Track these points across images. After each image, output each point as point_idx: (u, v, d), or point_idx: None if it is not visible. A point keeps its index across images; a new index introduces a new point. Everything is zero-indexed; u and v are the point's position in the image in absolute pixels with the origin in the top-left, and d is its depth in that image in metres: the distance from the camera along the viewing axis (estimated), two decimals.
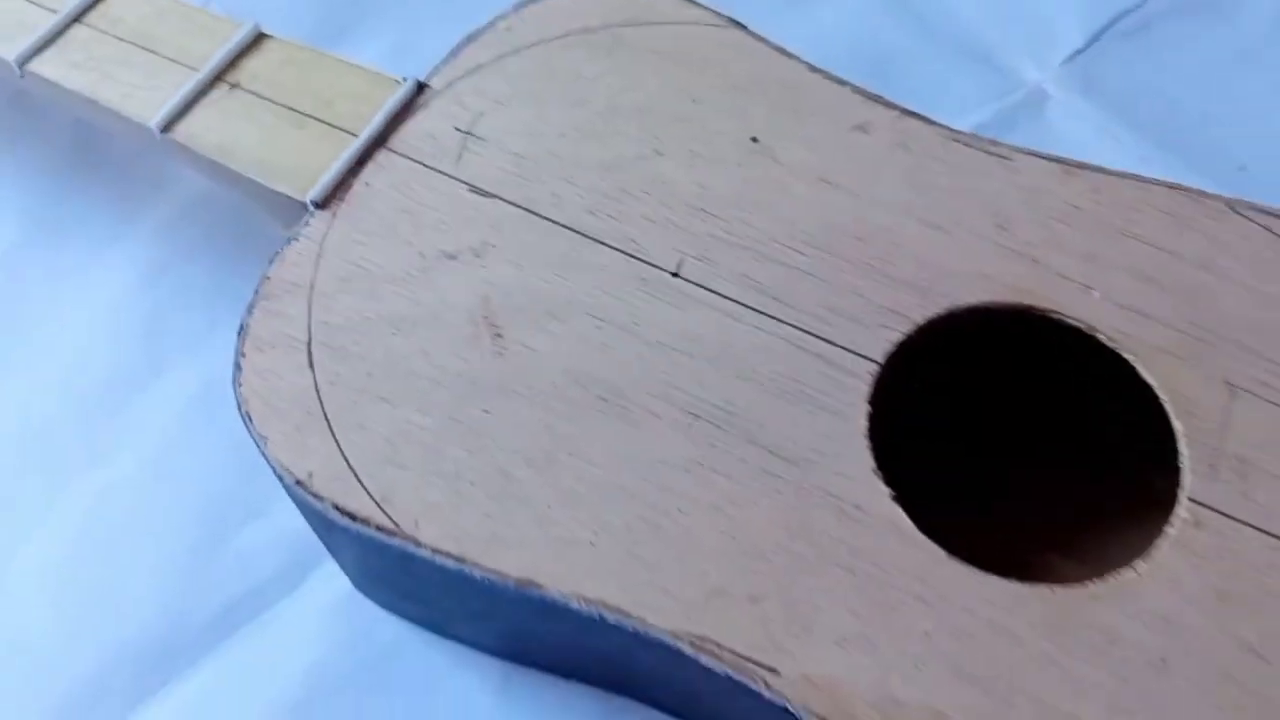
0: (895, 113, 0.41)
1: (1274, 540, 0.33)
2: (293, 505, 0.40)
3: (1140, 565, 0.32)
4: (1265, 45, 0.55)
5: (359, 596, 0.43)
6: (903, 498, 0.33)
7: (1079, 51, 0.55)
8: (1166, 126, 0.53)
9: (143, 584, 0.43)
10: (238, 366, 0.35)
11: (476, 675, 0.41)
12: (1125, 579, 0.32)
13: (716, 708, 0.37)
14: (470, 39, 0.42)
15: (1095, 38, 0.55)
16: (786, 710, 0.31)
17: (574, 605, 0.32)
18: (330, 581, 0.43)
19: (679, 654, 0.32)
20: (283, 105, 0.41)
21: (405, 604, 0.41)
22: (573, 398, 0.35)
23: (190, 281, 0.49)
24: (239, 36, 0.42)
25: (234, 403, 0.35)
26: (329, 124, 0.40)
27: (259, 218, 0.42)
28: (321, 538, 0.40)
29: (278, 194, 0.39)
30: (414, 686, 0.41)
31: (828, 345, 0.36)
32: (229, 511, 0.44)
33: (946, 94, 0.43)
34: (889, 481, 0.34)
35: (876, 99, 0.41)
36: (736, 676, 0.31)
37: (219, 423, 0.45)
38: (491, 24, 0.43)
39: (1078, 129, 0.53)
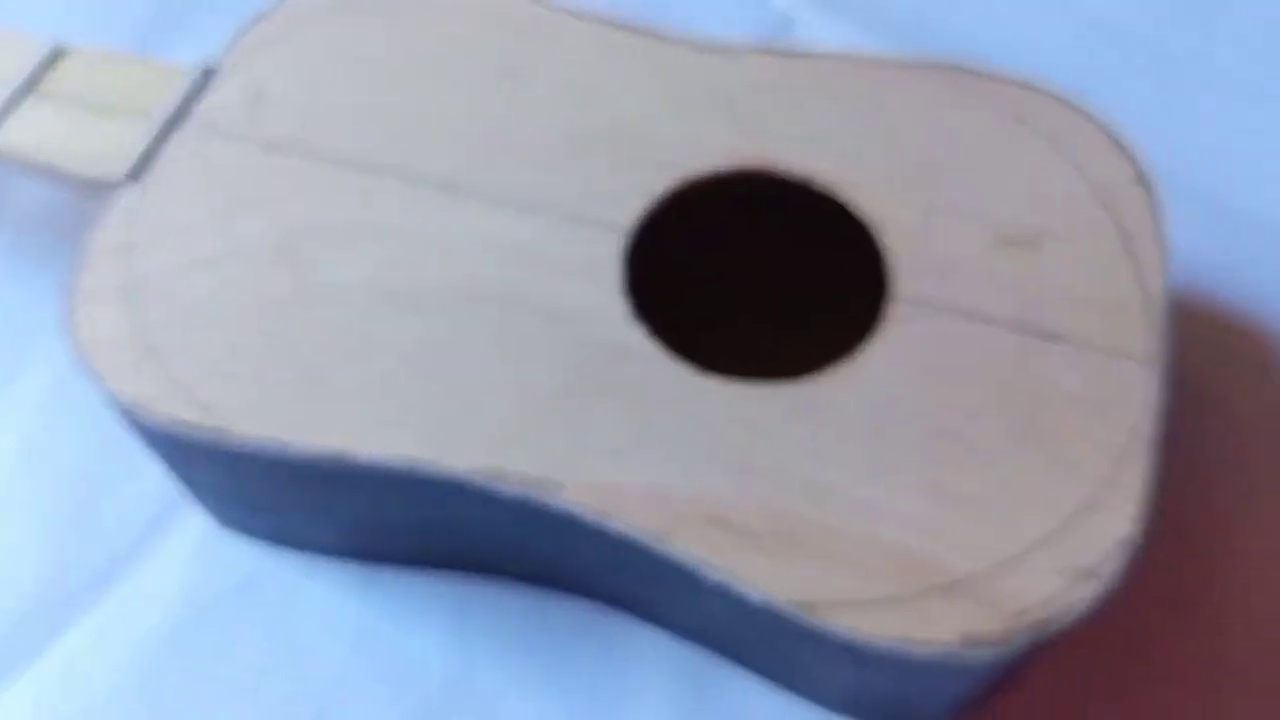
0: (631, 31, 0.47)
1: (967, 319, 0.39)
2: (152, 468, 0.45)
3: (861, 355, 0.39)
4: None
5: (222, 532, 0.47)
6: (668, 334, 0.39)
7: None
8: (906, 34, 0.60)
9: (20, 555, 0.47)
10: (69, 320, 0.40)
11: (337, 582, 0.46)
12: (850, 368, 0.38)
13: (544, 555, 0.42)
14: (254, 21, 0.47)
15: None
16: (571, 518, 0.36)
17: (384, 464, 0.37)
18: (194, 524, 0.47)
19: (486, 492, 0.37)
20: (87, 103, 0.46)
21: (259, 519, 0.45)
22: (370, 301, 0.40)
23: (41, 283, 0.53)
24: (42, 53, 0.47)
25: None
26: (131, 112, 0.45)
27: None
28: (177, 471, 0.44)
29: (93, 179, 0.44)
30: (280, 603, 0.45)
31: (586, 224, 0.41)
32: (94, 481, 0.48)
33: (706, 29, 0.49)
34: (656, 322, 0.40)
35: (615, 23, 0.47)
36: (528, 495, 0.36)
37: (79, 407, 0.49)
38: (273, 7, 0.48)
39: (825, 44, 0.59)
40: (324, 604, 0.45)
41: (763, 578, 0.35)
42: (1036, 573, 0.35)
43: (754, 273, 0.47)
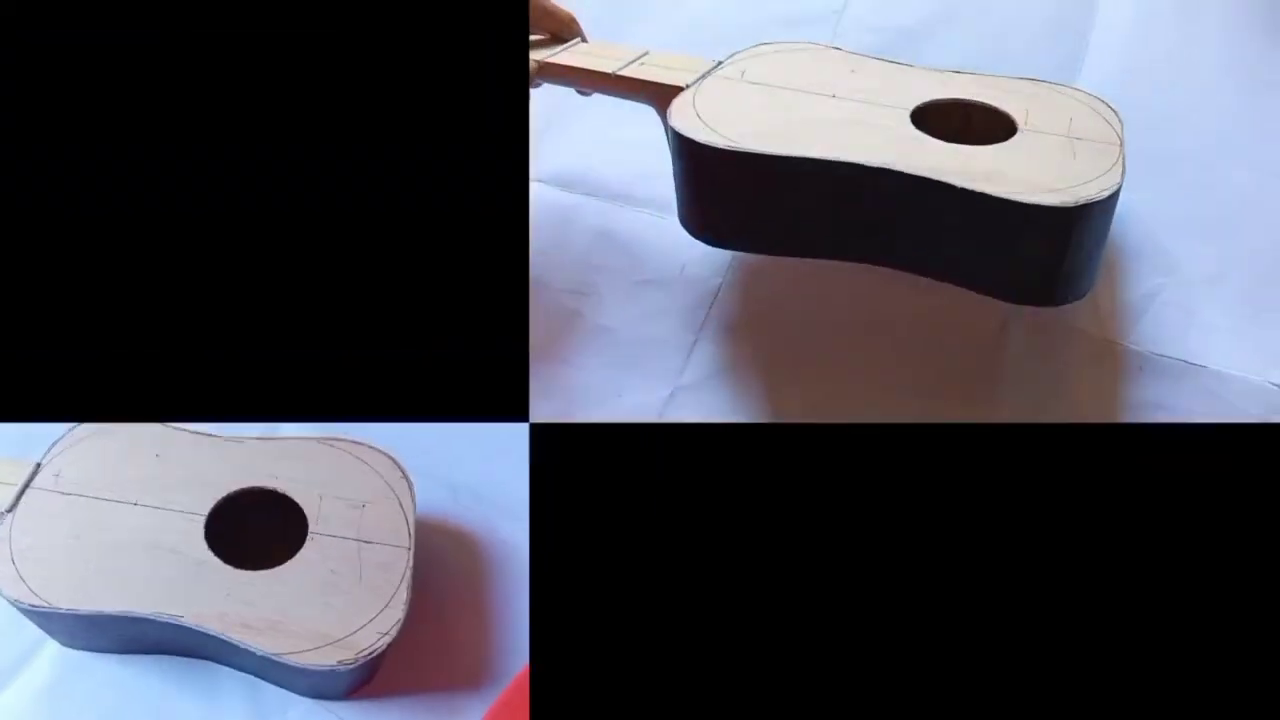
0: (202, 435, 1.14)
1: (338, 541, 1.08)
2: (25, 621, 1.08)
3: (296, 558, 1.06)
4: None
5: (65, 650, 1.10)
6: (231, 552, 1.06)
7: None
8: None
9: None
10: None
11: (119, 666, 1.09)
12: (291, 563, 1.06)
13: (196, 643, 1.08)
14: (60, 438, 1.12)
15: None
16: (192, 629, 1.02)
17: (123, 613, 1.01)
18: (49, 646, 1.10)
19: (162, 621, 1.02)
20: None
21: (82, 639, 1.09)
22: (112, 548, 1.04)
23: None
24: None
25: None
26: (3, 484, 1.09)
27: None
28: (33, 620, 1.07)
29: None
30: (91, 681, 1.09)
31: (188, 514, 1.07)
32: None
33: None
34: (219, 547, 1.06)
35: (195, 431, 1.14)
36: (176, 621, 1.01)
37: None
38: (67, 432, 1.13)
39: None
40: (112, 681, 1.09)
41: (263, 645, 1.00)
42: (367, 634, 1.02)
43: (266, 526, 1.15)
